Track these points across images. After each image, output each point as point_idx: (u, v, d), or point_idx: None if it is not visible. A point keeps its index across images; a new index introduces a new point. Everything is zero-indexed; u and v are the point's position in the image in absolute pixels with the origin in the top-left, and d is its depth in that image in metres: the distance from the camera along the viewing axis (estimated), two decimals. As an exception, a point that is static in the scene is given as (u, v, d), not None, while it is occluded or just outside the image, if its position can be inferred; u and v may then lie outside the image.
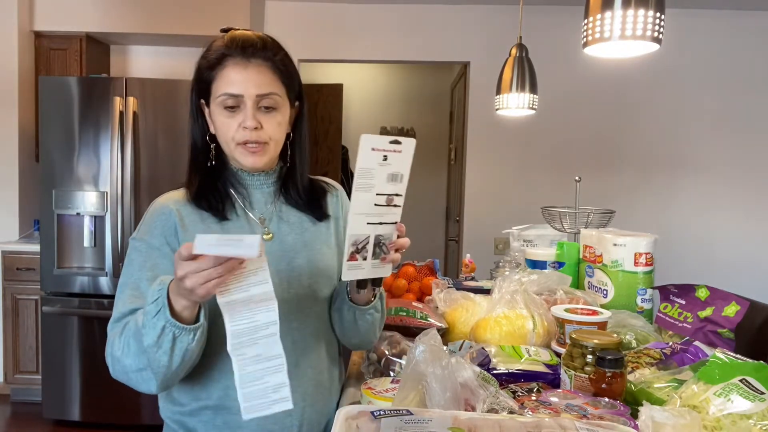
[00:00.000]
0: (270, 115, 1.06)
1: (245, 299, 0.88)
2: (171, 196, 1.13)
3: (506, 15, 3.90)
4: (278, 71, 1.06)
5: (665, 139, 4.07)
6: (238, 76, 1.03)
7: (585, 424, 0.81)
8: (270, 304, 0.89)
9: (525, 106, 2.39)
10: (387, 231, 0.97)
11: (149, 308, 0.92)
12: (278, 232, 1.13)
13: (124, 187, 3.20)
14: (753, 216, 4.08)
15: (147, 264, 1.06)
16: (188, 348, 0.94)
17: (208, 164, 1.12)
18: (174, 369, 0.95)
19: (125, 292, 1.05)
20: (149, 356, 0.94)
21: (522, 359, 1.24)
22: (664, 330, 1.50)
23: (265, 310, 0.89)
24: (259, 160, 1.08)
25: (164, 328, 0.91)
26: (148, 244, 1.07)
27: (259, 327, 0.88)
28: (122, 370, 0.99)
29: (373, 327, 1.18)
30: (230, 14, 3.66)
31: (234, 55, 1.04)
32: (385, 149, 0.93)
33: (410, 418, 0.80)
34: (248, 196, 1.14)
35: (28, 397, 3.58)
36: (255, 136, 1.05)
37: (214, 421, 1.08)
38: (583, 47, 1.29)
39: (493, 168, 4.15)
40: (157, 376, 0.96)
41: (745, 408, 0.88)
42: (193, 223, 1.09)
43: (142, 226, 1.10)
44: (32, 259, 3.47)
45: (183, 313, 0.91)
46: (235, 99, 1.04)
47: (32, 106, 3.76)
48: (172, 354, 0.93)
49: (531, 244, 2.23)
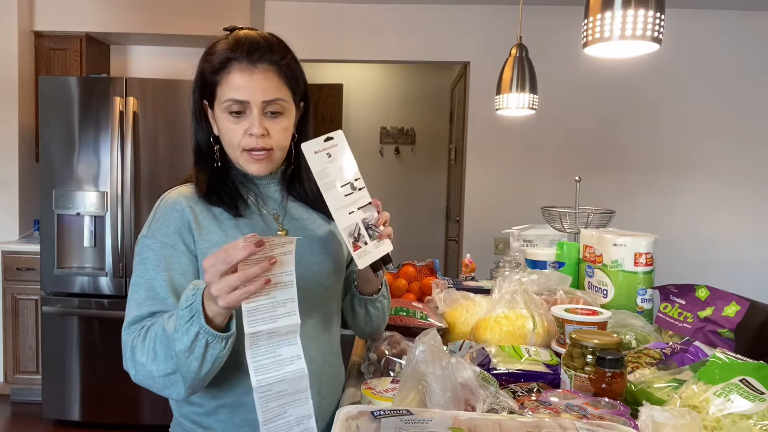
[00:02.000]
0: (276, 121, 1.05)
1: (270, 331, 0.86)
2: (181, 191, 1.10)
3: (506, 15, 3.90)
4: (284, 76, 1.05)
5: (665, 139, 4.07)
6: (243, 82, 1.02)
7: (585, 424, 0.81)
8: (294, 338, 0.88)
9: (525, 106, 2.39)
10: (368, 213, 1.07)
11: (182, 313, 0.89)
12: (292, 229, 1.14)
13: (124, 187, 3.20)
14: (753, 216, 4.08)
15: (162, 264, 1.02)
16: (219, 355, 0.91)
17: (215, 165, 1.11)
18: (203, 375, 0.93)
19: (139, 293, 1.01)
20: (179, 362, 0.91)
21: (522, 359, 1.24)
22: (664, 330, 1.50)
23: (288, 343, 0.87)
24: (264, 168, 1.07)
25: (198, 335, 0.88)
26: (162, 243, 1.04)
27: (283, 362, 0.87)
28: (148, 375, 0.96)
29: (384, 314, 1.28)
30: (230, 14, 3.66)
31: (239, 60, 1.02)
32: (324, 148, 1.05)
33: (410, 418, 0.80)
34: (260, 194, 1.14)
35: (28, 397, 3.59)
36: (261, 143, 1.04)
37: (232, 419, 1.07)
38: (583, 47, 1.29)
39: (493, 168, 4.15)
40: (186, 381, 0.94)
41: (745, 408, 0.88)
42: (208, 221, 1.07)
43: (154, 224, 1.06)
44: (32, 259, 3.47)
45: (215, 319, 0.89)
46: (241, 105, 1.02)
47: (32, 106, 3.76)
48: (203, 360, 0.91)
49: (531, 244, 2.23)
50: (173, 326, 0.90)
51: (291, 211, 1.16)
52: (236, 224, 1.08)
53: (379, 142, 5.70)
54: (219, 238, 1.05)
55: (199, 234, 1.05)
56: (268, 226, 1.11)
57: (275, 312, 0.86)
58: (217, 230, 1.07)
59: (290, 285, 0.87)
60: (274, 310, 0.86)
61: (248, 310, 0.85)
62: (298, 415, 0.88)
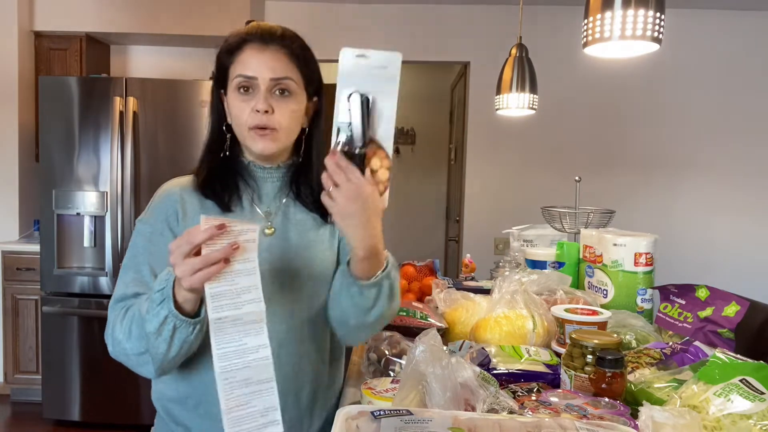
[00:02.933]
0: (283, 101, 1.05)
1: (234, 318, 0.86)
2: (179, 181, 1.13)
3: (506, 15, 3.90)
4: (295, 58, 1.06)
5: (665, 139, 4.07)
6: (253, 60, 1.04)
7: (585, 424, 0.81)
8: (260, 327, 0.87)
9: (525, 106, 2.39)
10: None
11: (155, 296, 0.93)
12: (281, 228, 1.12)
13: (124, 187, 3.20)
14: (753, 216, 4.08)
15: (149, 248, 1.07)
16: (186, 340, 0.94)
17: (222, 155, 1.11)
18: (171, 357, 0.97)
19: (128, 274, 1.07)
20: (149, 342, 0.95)
21: (522, 359, 1.24)
22: (664, 330, 1.50)
23: (255, 332, 0.87)
24: (269, 146, 1.06)
25: (166, 318, 0.92)
26: (152, 228, 1.08)
27: (248, 350, 0.86)
28: (122, 352, 1.01)
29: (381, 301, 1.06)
30: (230, 14, 3.67)
31: (253, 41, 1.04)
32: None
33: (410, 418, 0.80)
34: (257, 189, 1.13)
35: (28, 397, 3.58)
36: (265, 120, 1.03)
37: (197, 410, 1.09)
38: (583, 47, 1.29)
39: (493, 168, 4.15)
40: (155, 362, 0.98)
41: (745, 408, 0.88)
42: (194, 211, 1.09)
43: (148, 210, 1.11)
44: (32, 259, 3.47)
45: (185, 304, 0.92)
46: (249, 81, 1.03)
47: (32, 106, 3.76)
48: (171, 343, 0.94)
49: (531, 244, 2.23)
50: (146, 308, 0.95)
51: (286, 210, 1.14)
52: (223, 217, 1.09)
53: (380, 142, 5.69)
54: None
55: (183, 223, 1.08)
56: (255, 222, 1.11)
57: (239, 299, 0.86)
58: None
59: (253, 272, 0.88)
60: (237, 296, 0.86)
61: (212, 295, 0.86)
62: (263, 406, 0.86)
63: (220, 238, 0.85)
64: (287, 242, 1.12)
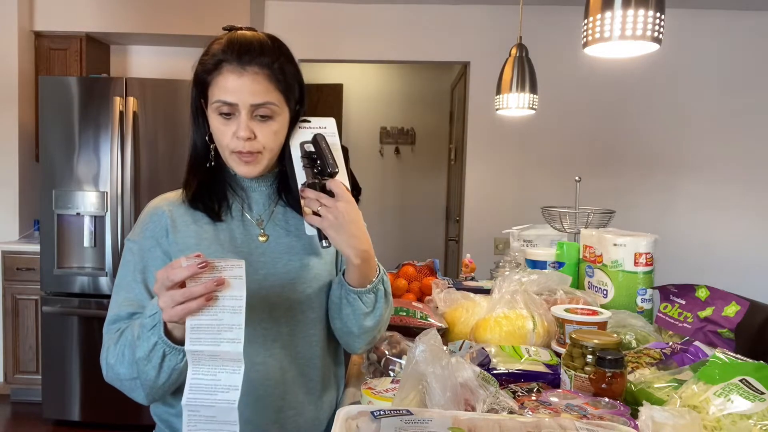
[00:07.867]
0: (265, 124, 1.03)
1: (212, 354, 0.84)
2: (166, 197, 1.13)
3: (506, 15, 3.90)
4: (275, 79, 1.02)
5: (665, 139, 4.07)
6: (232, 84, 1.00)
7: (585, 424, 0.81)
8: (237, 366, 0.85)
9: (525, 106, 2.39)
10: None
11: (146, 321, 0.92)
12: (275, 234, 1.12)
13: (124, 187, 3.20)
14: (753, 216, 4.08)
15: (139, 266, 1.06)
16: (176, 367, 0.93)
17: (208, 165, 1.10)
18: (160, 384, 0.95)
19: (120, 294, 1.06)
20: (139, 368, 0.94)
21: (522, 359, 1.24)
22: (664, 330, 1.50)
23: (231, 370, 0.85)
24: (252, 170, 1.06)
25: (156, 344, 0.91)
26: (141, 246, 1.07)
27: (219, 388, 0.85)
28: (116, 377, 1.00)
29: (380, 304, 1.12)
30: (230, 14, 3.67)
31: (230, 62, 1.00)
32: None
33: (410, 418, 0.80)
34: (247, 198, 1.13)
35: (28, 397, 3.58)
36: (248, 147, 1.02)
37: None
38: (583, 47, 1.29)
39: (493, 168, 4.15)
40: (145, 388, 0.97)
41: (745, 408, 0.88)
42: (186, 224, 1.08)
43: (136, 228, 1.10)
44: (32, 259, 3.47)
45: (174, 331, 0.91)
46: (230, 107, 1.01)
47: (32, 106, 3.76)
48: (160, 370, 0.93)
49: (531, 244, 2.23)
50: (137, 333, 0.94)
51: (277, 216, 1.14)
52: (214, 228, 1.09)
53: (379, 142, 5.70)
54: (193, 242, 1.06)
55: (174, 237, 1.06)
56: (248, 231, 1.10)
57: (219, 335, 0.84)
58: (192, 234, 1.07)
59: (239, 311, 0.85)
60: (218, 333, 0.84)
61: (191, 327, 0.85)
62: None
63: (204, 275, 0.84)
64: (282, 246, 1.11)
